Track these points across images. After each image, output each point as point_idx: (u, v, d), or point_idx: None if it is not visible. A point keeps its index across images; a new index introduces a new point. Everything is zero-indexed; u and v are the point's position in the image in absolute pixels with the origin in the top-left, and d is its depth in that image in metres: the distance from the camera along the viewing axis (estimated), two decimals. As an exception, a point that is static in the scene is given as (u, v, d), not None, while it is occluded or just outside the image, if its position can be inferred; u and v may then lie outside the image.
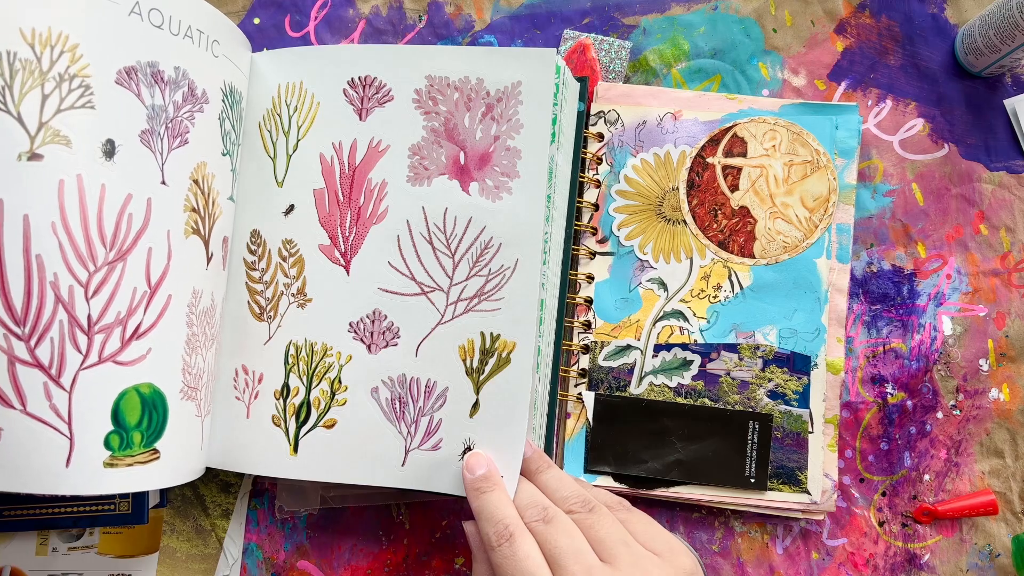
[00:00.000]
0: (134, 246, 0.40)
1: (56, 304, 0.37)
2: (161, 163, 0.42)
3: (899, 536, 0.54)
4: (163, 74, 0.42)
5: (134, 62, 0.40)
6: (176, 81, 0.43)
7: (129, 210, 0.40)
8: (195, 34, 0.44)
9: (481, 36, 0.57)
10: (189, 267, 0.44)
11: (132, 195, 0.40)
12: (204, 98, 0.44)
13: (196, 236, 0.44)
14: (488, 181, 0.47)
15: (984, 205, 0.55)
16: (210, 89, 0.45)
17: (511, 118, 0.47)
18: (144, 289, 0.41)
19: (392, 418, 0.47)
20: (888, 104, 0.56)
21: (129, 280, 0.40)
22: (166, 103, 0.42)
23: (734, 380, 0.52)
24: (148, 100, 0.41)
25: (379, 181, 0.48)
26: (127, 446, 0.40)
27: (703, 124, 0.54)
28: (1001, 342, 0.54)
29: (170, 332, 0.42)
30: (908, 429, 0.54)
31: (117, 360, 0.39)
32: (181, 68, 0.43)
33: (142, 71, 0.41)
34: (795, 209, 0.53)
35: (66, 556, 0.53)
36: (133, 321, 0.40)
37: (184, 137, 0.43)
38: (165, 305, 0.42)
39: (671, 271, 0.53)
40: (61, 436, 0.37)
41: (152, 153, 0.41)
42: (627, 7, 0.57)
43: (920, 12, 0.57)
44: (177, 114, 0.43)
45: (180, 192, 0.43)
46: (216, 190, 0.46)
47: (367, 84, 0.49)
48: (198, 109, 0.44)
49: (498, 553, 0.40)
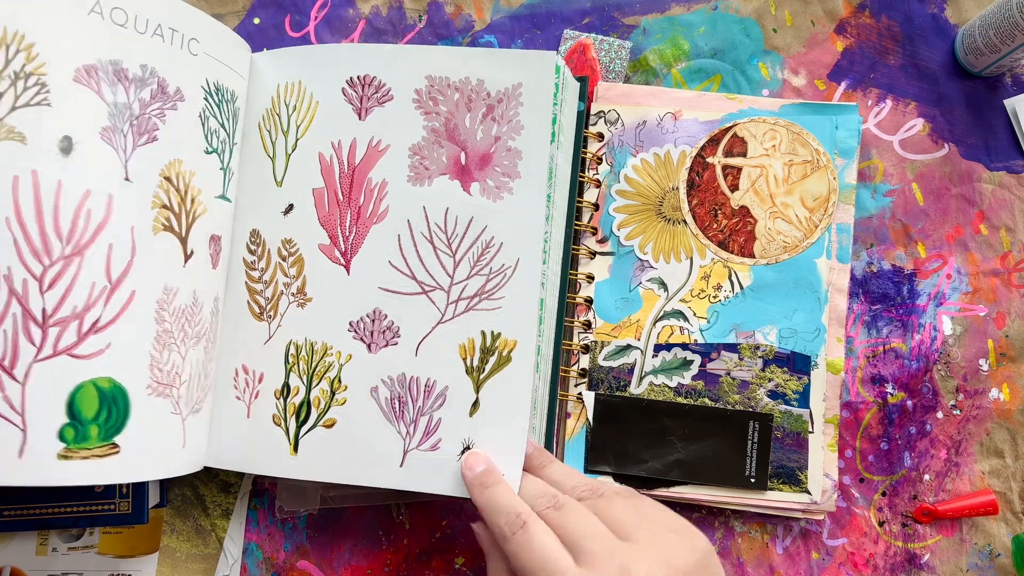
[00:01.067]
0: (92, 241, 0.40)
1: (10, 297, 0.38)
2: (124, 160, 0.42)
3: (899, 536, 0.54)
4: (126, 72, 0.42)
5: (94, 60, 0.41)
6: (142, 79, 0.43)
7: (88, 206, 0.40)
8: (167, 32, 0.44)
9: (481, 36, 0.57)
10: (159, 264, 0.43)
11: (91, 191, 0.40)
12: (178, 96, 0.45)
13: (168, 233, 0.44)
14: (489, 181, 0.47)
15: (984, 205, 0.55)
16: (186, 87, 0.45)
17: (512, 119, 0.47)
18: (104, 284, 0.41)
19: (391, 418, 0.47)
20: (888, 104, 0.56)
21: (87, 275, 0.40)
22: (130, 100, 0.42)
23: (734, 380, 0.52)
24: (110, 98, 0.41)
25: (379, 181, 0.48)
26: (83, 439, 0.40)
27: (703, 124, 0.54)
28: (1001, 342, 0.54)
29: (134, 327, 0.42)
30: (908, 429, 0.54)
31: (73, 353, 0.40)
32: (148, 66, 0.43)
33: (103, 69, 0.41)
34: (795, 209, 0.53)
35: (66, 556, 0.53)
36: (91, 315, 0.40)
37: (152, 134, 0.43)
38: (128, 300, 0.42)
39: (671, 271, 0.53)
40: (13, 427, 0.38)
41: (114, 150, 0.41)
42: (627, 7, 0.57)
43: (920, 12, 0.57)
44: (144, 111, 0.43)
45: (147, 189, 0.43)
46: (196, 187, 0.46)
47: (366, 83, 0.49)
48: (170, 107, 0.44)
49: (513, 543, 0.39)
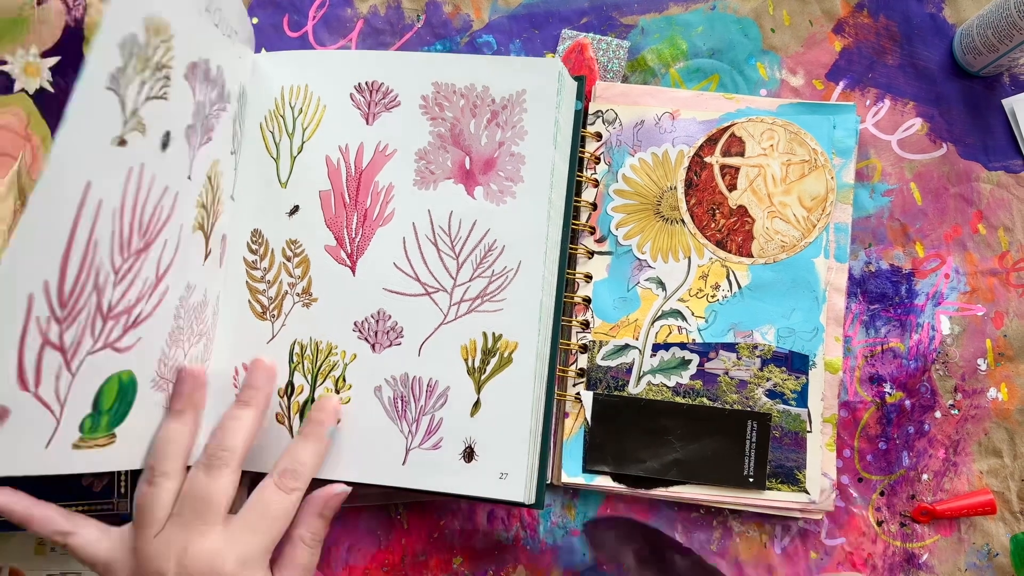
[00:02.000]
0: (156, 237, 0.40)
1: (93, 290, 0.36)
2: (192, 158, 0.42)
3: (897, 536, 0.54)
4: (210, 72, 0.42)
5: (197, 58, 0.40)
6: (215, 80, 0.43)
7: (162, 202, 0.40)
8: (232, 35, 0.44)
9: (479, 36, 0.57)
10: (189, 261, 0.44)
11: (168, 188, 0.40)
12: (227, 98, 0.45)
13: (200, 231, 0.44)
14: (493, 186, 0.48)
15: (982, 205, 0.55)
16: (233, 89, 0.46)
17: (515, 125, 0.48)
18: (152, 280, 0.40)
19: (394, 417, 0.47)
20: (886, 104, 0.56)
21: (145, 270, 0.40)
22: (205, 100, 0.42)
23: (732, 379, 0.52)
24: (199, 96, 0.41)
25: (386, 184, 0.49)
26: (95, 429, 0.40)
27: (701, 124, 0.54)
28: (999, 342, 0.54)
29: (160, 323, 0.42)
30: (906, 429, 0.54)
31: (116, 346, 0.39)
32: (221, 67, 0.43)
33: (201, 67, 0.41)
34: (793, 208, 0.53)
35: (64, 556, 0.53)
36: (136, 310, 0.40)
37: (209, 135, 0.43)
38: (162, 297, 0.41)
39: (669, 270, 0.53)
40: (52, 418, 0.37)
41: (189, 148, 0.41)
42: (625, 7, 0.57)
43: (918, 12, 0.57)
44: (210, 111, 0.43)
45: (198, 188, 0.43)
46: (222, 188, 0.47)
47: (374, 89, 0.49)
48: (222, 108, 0.45)
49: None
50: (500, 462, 0.46)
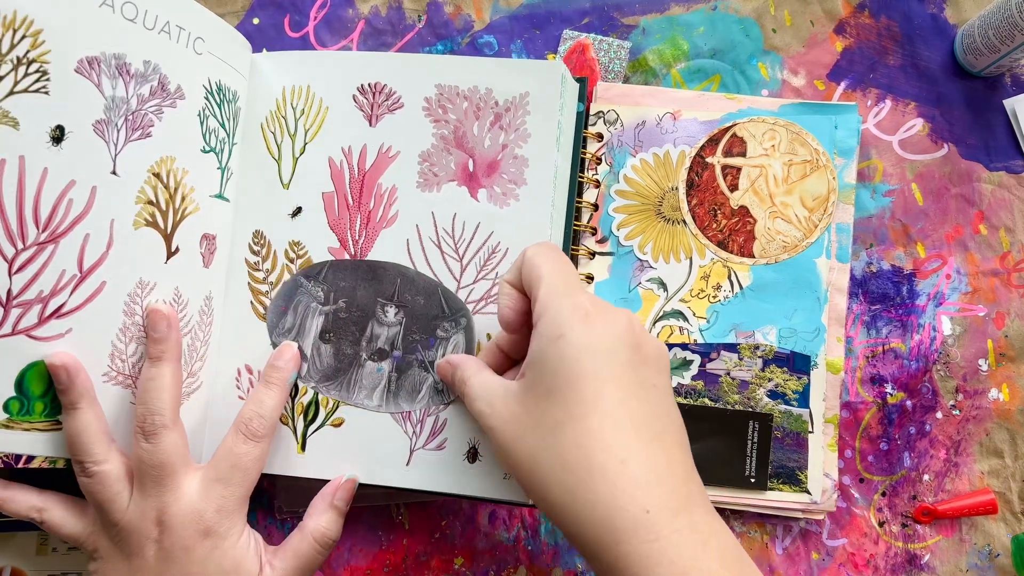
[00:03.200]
0: (69, 230, 0.41)
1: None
2: (114, 154, 0.42)
3: (899, 536, 0.54)
4: (129, 67, 0.42)
5: (98, 53, 0.41)
6: (144, 75, 0.43)
7: (70, 196, 0.41)
8: (173, 30, 0.44)
9: (480, 36, 0.57)
10: (137, 258, 0.44)
11: (76, 181, 0.41)
12: (179, 94, 0.45)
13: (151, 228, 0.44)
14: (496, 188, 0.48)
15: (984, 205, 0.55)
16: (188, 85, 0.45)
17: (519, 127, 0.48)
18: (74, 272, 0.41)
19: (399, 417, 0.48)
20: (888, 104, 0.56)
21: (59, 262, 0.41)
22: (128, 95, 0.42)
23: (734, 380, 0.52)
24: (108, 91, 0.42)
25: (389, 186, 0.49)
26: (27, 412, 0.41)
27: (702, 124, 0.54)
28: (1000, 342, 0.54)
29: (99, 317, 0.43)
30: (908, 429, 0.54)
31: (31, 335, 0.40)
32: (152, 62, 0.43)
33: (106, 62, 0.41)
34: (794, 209, 0.53)
35: (66, 556, 0.53)
36: (56, 300, 0.41)
37: (146, 131, 0.43)
38: (97, 291, 0.42)
39: (671, 271, 0.53)
40: None
41: (105, 143, 0.42)
42: (626, 7, 0.57)
43: (919, 12, 0.57)
44: (141, 107, 0.43)
45: (134, 184, 0.43)
46: (189, 185, 0.46)
47: (377, 91, 0.49)
48: (169, 104, 0.44)
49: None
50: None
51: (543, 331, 0.38)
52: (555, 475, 0.36)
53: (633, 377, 0.37)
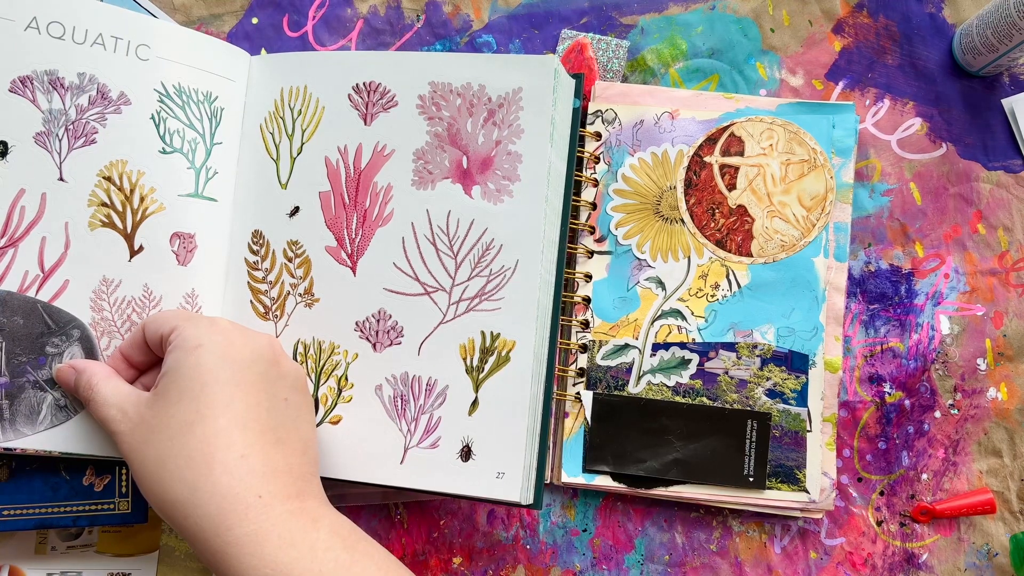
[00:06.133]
0: (26, 235, 0.45)
1: None
2: (59, 161, 0.46)
3: (897, 535, 0.54)
4: (62, 80, 0.46)
5: (29, 71, 0.45)
6: (79, 86, 0.46)
7: (22, 203, 0.45)
8: (109, 41, 0.47)
9: (479, 36, 0.57)
10: (97, 257, 0.47)
11: (25, 190, 0.45)
12: (123, 100, 0.47)
13: (109, 229, 0.47)
14: (490, 185, 0.48)
15: (982, 204, 0.55)
16: (133, 91, 0.47)
17: (512, 123, 0.48)
18: (37, 272, 0.46)
19: (394, 415, 0.48)
20: (886, 103, 0.56)
21: (20, 264, 0.45)
22: (66, 107, 0.46)
23: (732, 379, 0.52)
24: (44, 105, 0.46)
25: (384, 185, 0.49)
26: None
27: (700, 123, 0.54)
28: (999, 341, 0.54)
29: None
30: (906, 428, 0.54)
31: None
32: (87, 74, 0.46)
33: (38, 79, 0.45)
34: (792, 208, 0.53)
35: (65, 555, 0.53)
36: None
37: (90, 137, 0.47)
38: (61, 288, 0.46)
39: (669, 270, 0.53)
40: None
41: (48, 152, 0.46)
42: (625, 6, 0.57)
43: (918, 12, 0.57)
44: (81, 116, 0.46)
45: (83, 188, 0.46)
46: (147, 186, 0.48)
47: (372, 90, 0.49)
48: (113, 111, 0.47)
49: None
50: (497, 461, 0.46)
51: (180, 344, 0.41)
52: (179, 472, 0.38)
53: (266, 388, 0.42)
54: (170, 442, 0.39)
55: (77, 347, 0.47)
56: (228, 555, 0.37)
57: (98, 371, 0.44)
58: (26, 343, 0.46)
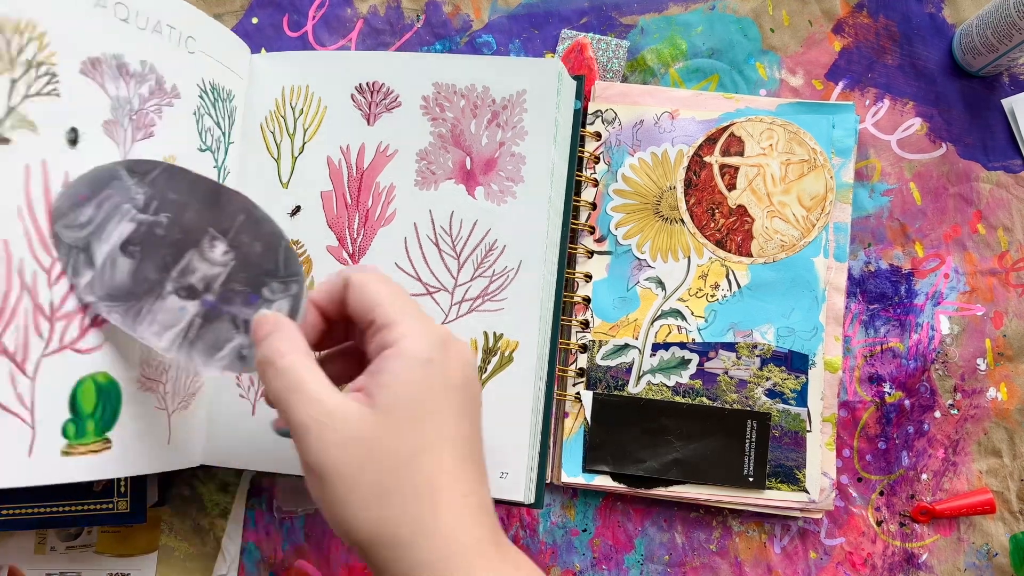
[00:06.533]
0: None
1: (22, 290, 0.37)
2: (124, 153, 0.42)
3: (897, 535, 0.54)
4: (128, 67, 0.42)
5: (99, 53, 0.40)
6: (142, 74, 0.43)
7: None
8: (164, 29, 0.44)
9: (479, 36, 0.57)
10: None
11: None
12: (174, 92, 0.45)
13: None
14: (493, 186, 0.48)
15: (982, 204, 0.55)
16: (182, 84, 0.45)
17: (516, 125, 0.48)
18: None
19: None
20: (886, 104, 0.56)
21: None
22: (131, 95, 0.42)
23: (732, 379, 0.52)
24: (113, 91, 0.41)
25: (387, 185, 0.49)
26: (81, 434, 0.39)
27: (700, 123, 0.54)
28: (999, 341, 0.55)
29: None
30: (906, 428, 0.54)
31: (76, 348, 0.39)
32: (148, 62, 0.43)
33: (107, 63, 0.41)
34: (792, 208, 0.53)
35: (64, 555, 0.53)
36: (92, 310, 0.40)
37: (149, 130, 0.43)
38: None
39: (669, 270, 0.53)
40: (24, 425, 0.37)
41: (115, 143, 0.41)
42: (625, 6, 0.57)
43: (918, 12, 0.57)
44: (143, 107, 0.43)
45: None
46: None
47: (375, 90, 0.50)
48: (167, 103, 0.44)
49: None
50: (501, 462, 0.46)
51: (407, 352, 0.35)
52: (403, 507, 0.33)
53: (475, 413, 0.37)
54: (395, 472, 0.33)
55: (286, 303, 0.40)
56: None
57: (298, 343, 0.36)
58: (252, 274, 0.40)
